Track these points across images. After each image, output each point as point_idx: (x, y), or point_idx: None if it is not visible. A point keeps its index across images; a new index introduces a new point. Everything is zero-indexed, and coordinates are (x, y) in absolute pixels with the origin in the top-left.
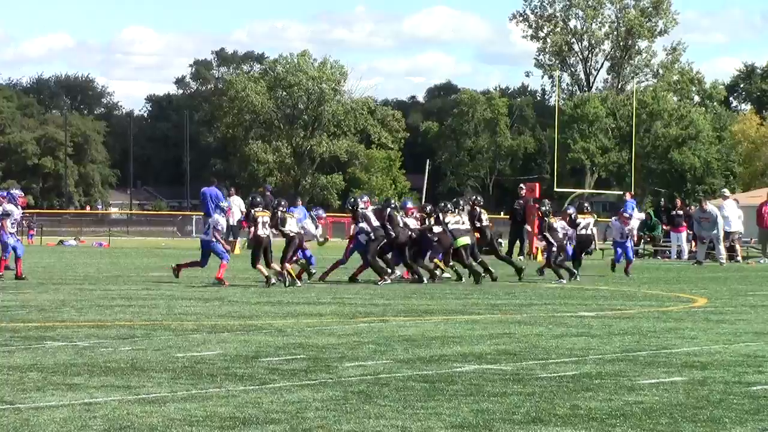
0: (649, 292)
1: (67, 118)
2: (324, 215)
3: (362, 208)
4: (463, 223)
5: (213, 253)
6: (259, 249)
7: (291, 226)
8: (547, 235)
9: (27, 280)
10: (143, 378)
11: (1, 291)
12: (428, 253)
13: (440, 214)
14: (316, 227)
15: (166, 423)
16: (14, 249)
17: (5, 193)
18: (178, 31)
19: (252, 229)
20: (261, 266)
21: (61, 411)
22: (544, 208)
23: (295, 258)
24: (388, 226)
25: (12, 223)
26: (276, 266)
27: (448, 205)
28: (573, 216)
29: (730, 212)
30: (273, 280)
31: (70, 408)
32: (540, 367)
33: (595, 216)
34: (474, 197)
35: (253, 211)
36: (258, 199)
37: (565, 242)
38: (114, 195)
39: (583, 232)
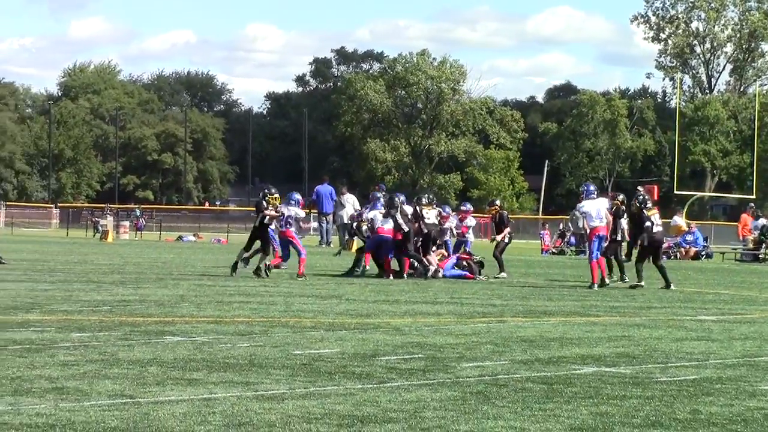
0: None
1: (187, 114)
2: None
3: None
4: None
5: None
6: None
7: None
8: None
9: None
10: (262, 374)
11: (121, 285)
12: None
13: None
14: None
15: (285, 420)
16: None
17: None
18: (300, 29)
19: None
20: None
21: (181, 406)
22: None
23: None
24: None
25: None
26: None
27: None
28: None
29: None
30: None
31: (189, 403)
32: (660, 371)
33: None
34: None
35: None
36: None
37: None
38: (231, 191)
39: None
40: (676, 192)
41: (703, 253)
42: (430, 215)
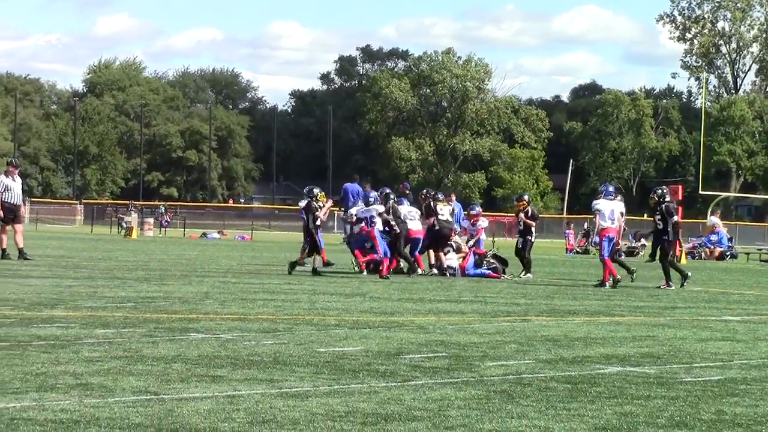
0: None
1: (212, 111)
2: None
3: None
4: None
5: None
6: None
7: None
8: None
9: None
10: (286, 372)
11: (146, 282)
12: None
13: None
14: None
15: (309, 417)
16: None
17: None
18: (325, 26)
19: None
20: None
21: (205, 403)
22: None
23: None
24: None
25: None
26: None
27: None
28: None
29: None
30: None
31: (213, 400)
32: (684, 371)
33: None
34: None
35: None
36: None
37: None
38: (256, 189)
39: None
40: (701, 192)
41: (728, 253)
42: (444, 212)
